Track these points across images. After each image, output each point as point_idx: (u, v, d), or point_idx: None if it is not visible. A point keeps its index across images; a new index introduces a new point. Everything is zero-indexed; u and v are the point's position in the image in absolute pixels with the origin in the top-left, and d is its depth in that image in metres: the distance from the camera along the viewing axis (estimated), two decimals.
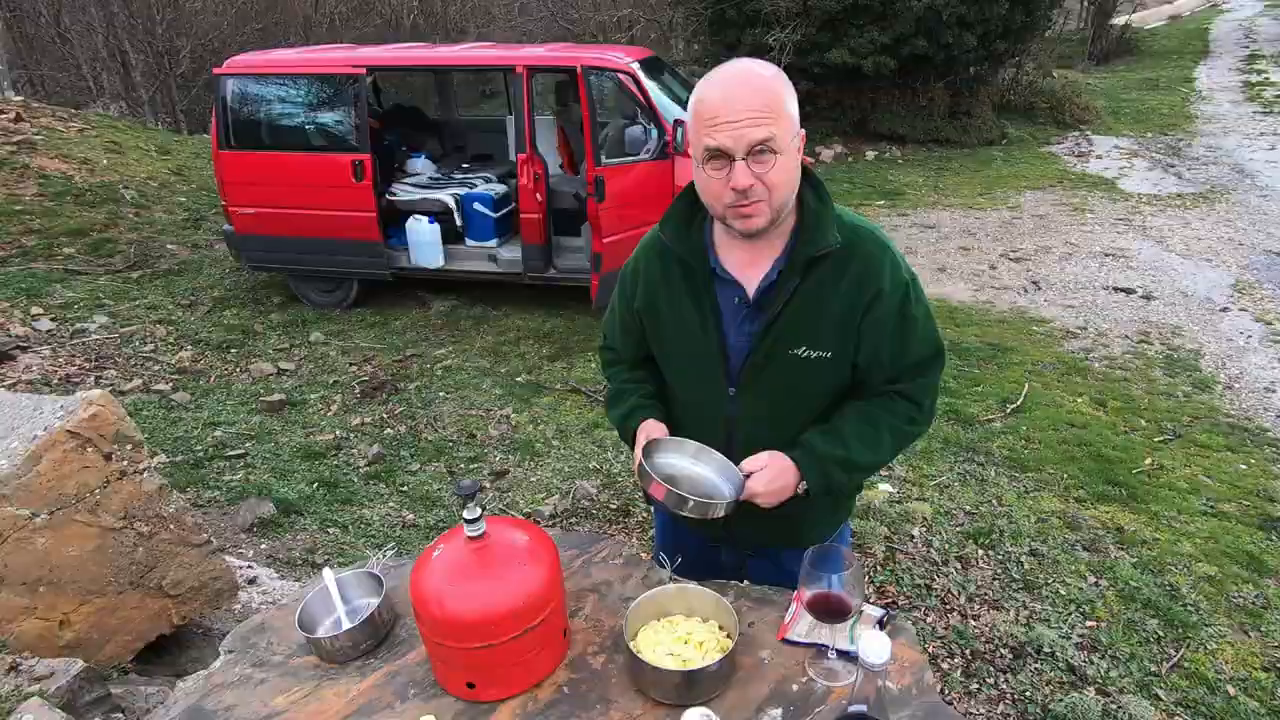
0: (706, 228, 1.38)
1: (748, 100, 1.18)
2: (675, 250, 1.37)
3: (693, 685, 1.17)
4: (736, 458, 1.37)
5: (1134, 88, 13.93)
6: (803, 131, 1.27)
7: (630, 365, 1.57)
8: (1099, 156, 10.00)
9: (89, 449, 1.80)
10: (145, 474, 1.89)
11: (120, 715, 1.47)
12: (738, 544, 1.56)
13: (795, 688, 1.21)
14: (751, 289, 1.34)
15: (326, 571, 1.44)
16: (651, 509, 1.74)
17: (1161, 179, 8.90)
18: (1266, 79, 13.72)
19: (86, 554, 1.80)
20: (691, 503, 1.27)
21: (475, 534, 1.20)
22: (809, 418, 1.39)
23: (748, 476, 1.32)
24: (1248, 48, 16.84)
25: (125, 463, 1.86)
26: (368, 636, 1.34)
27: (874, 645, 0.88)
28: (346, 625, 1.36)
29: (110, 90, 14.22)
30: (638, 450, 1.37)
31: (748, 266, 1.35)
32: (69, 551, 1.78)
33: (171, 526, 1.93)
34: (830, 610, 1.17)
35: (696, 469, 1.39)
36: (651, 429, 1.42)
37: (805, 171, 1.32)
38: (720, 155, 1.20)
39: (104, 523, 1.82)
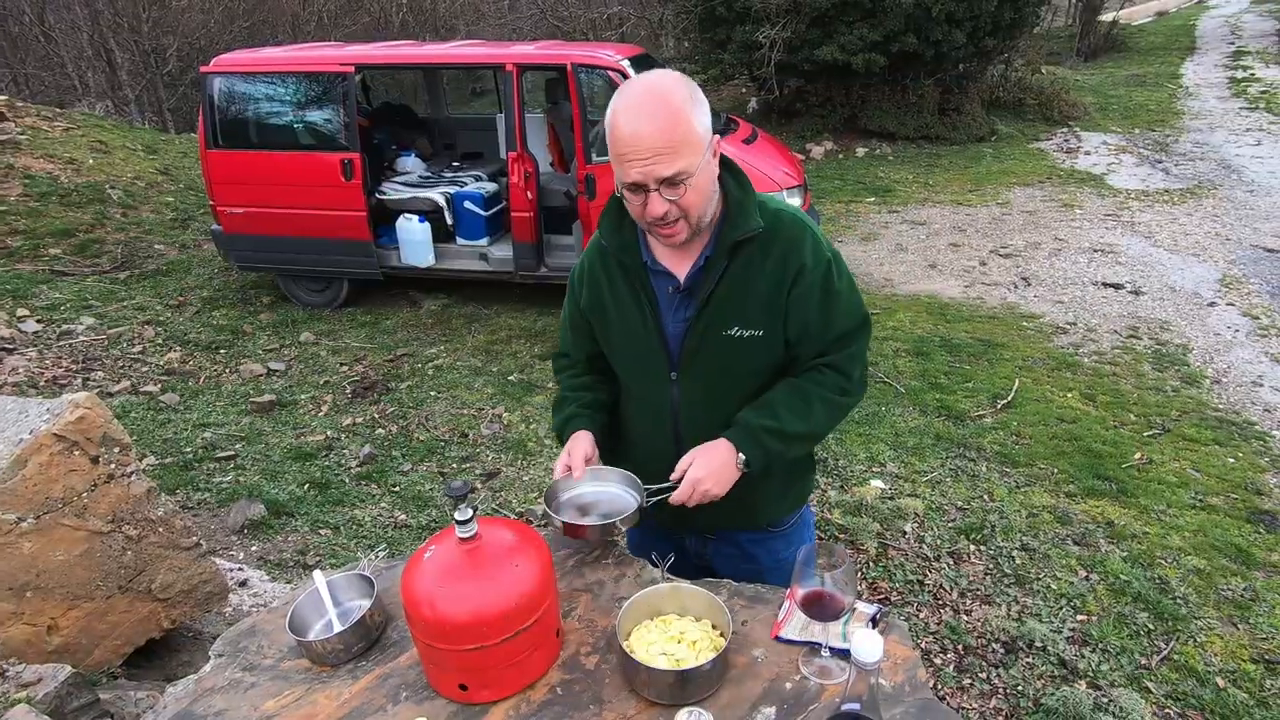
0: (638, 225, 1.43)
1: (653, 136, 1.22)
2: (610, 248, 1.44)
3: (686, 685, 1.17)
4: (683, 443, 1.45)
5: (1122, 84, 14.00)
6: (716, 137, 1.32)
7: (578, 369, 1.63)
8: (1087, 153, 10.04)
9: (75, 452, 1.78)
10: (133, 477, 1.87)
11: None
12: (698, 528, 1.61)
13: (789, 686, 1.20)
14: (683, 277, 1.41)
15: (317, 574, 1.43)
16: None
17: (1149, 175, 8.95)
18: (1252, 75, 13.82)
19: (74, 558, 1.78)
20: (591, 529, 1.42)
21: (467, 535, 1.19)
22: (745, 397, 1.45)
23: (679, 479, 1.39)
24: (1233, 44, 16.97)
25: (113, 465, 1.84)
26: (359, 639, 1.33)
27: (866, 644, 0.88)
28: (338, 628, 1.36)
29: (96, 89, 14.09)
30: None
31: (677, 257, 1.42)
32: (56, 556, 1.76)
33: (160, 529, 1.91)
34: (823, 608, 1.17)
35: (602, 488, 1.51)
36: (580, 442, 1.49)
37: (725, 161, 1.39)
38: (636, 189, 1.26)
39: (91, 526, 1.80)
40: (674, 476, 1.40)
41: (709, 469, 1.37)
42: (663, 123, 1.22)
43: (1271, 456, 3.83)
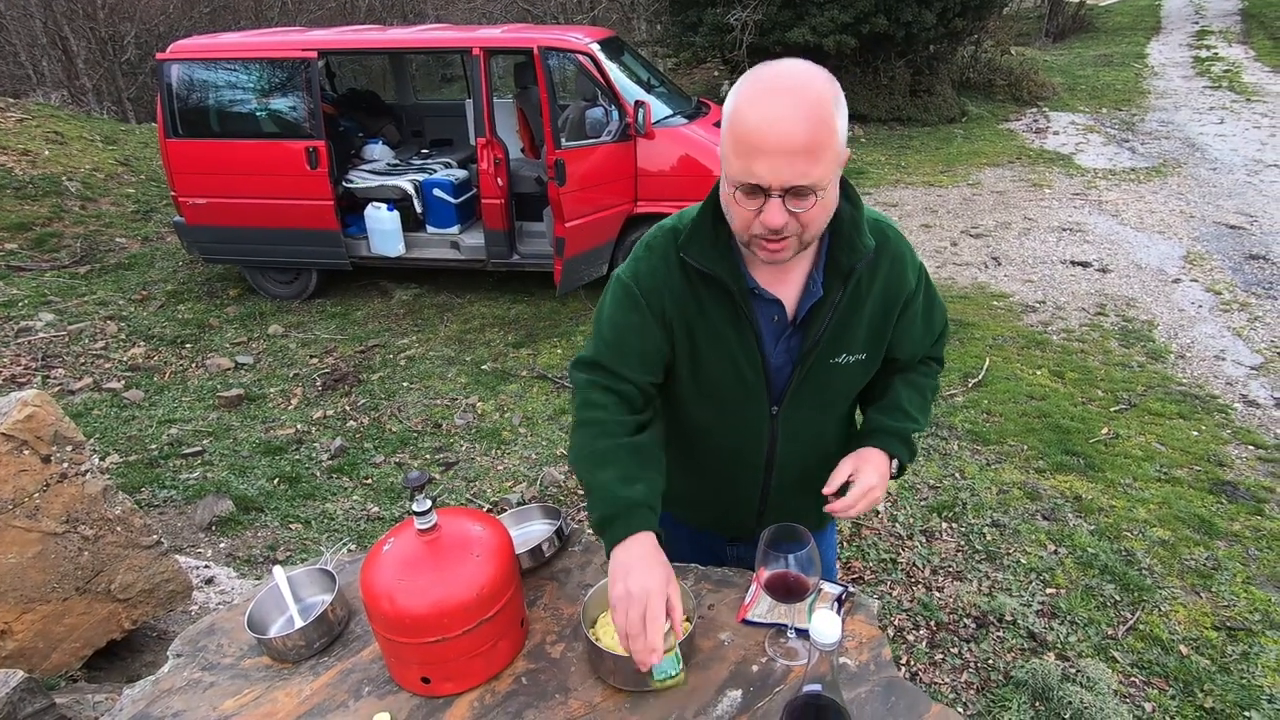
0: (733, 242, 1.22)
1: (795, 134, 1.01)
2: (711, 271, 1.20)
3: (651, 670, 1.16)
4: (774, 475, 1.38)
5: (1089, 64, 14.15)
6: (849, 151, 1.14)
7: (619, 399, 1.26)
8: (1056, 133, 10.15)
9: (25, 451, 1.73)
10: (88, 475, 1.82)
11: None
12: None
13: (755, 668, 1.20)
14: (789, 304, 1.24)
15: (277, 569, 1.41)
16: None
17: (1116, 154, 9.07)
18: (1215, 54, 14.03)
19: (27, 560, 1.73)
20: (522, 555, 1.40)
21: (425, 526, 1.17)
22: (836, 424, 1.41)
23: (843, 490, 1.27)
24: (1197, 24, 17.21)
25: (66, 464, 1.79)
26: (321, 634, 1.31)
27: (825, 625, 0.88)
28: (299, 624, 1.33)
29: (51, 78, 13.67)
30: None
31: (780, 281, 1.24)
32: (8, 559, 1.71)
33: (118, 528, 1.87)
34: (788, 590, 1.17)
35: (527, 528, 1.54)
36: (649, 554, 1.13)
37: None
38: (756, 191, 1.06)
39: (45, 527, 1.75)
40: (831, 489, 1.26)
41: (879, 475, 1.27)
42: (806, 116, 1.01)
43: (1233, 429, 3.91)
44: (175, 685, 1.28)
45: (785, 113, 1.01)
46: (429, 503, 1.17)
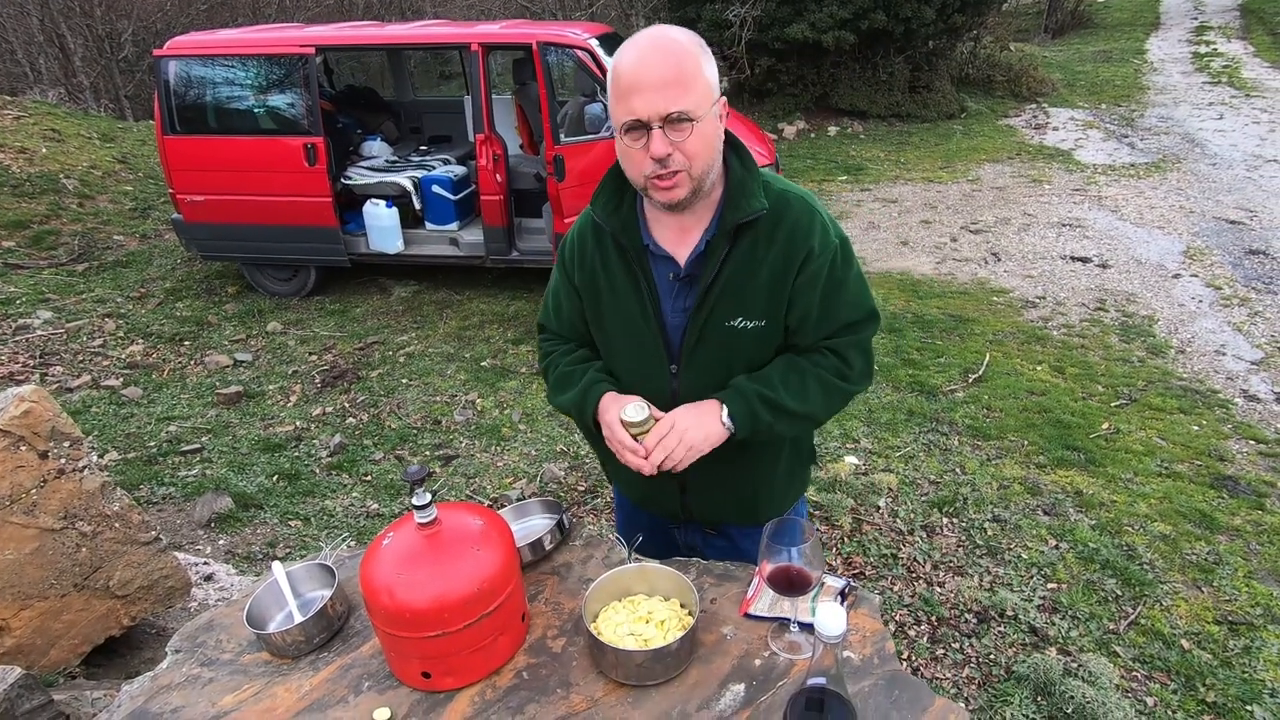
0: (638, 204, 1.34)
1: (661, 68, 1.15)
2: (608, 227, 1.33)
3: (654, 664, 1.15)
4: None
5: (1088, 60, 14.13)
6: (724, 99, 1.25)
7: (570, 345, 1.50)
8: (1055, 128, 10.13)
9: (22, 447, 1.72)
10: (85, 471, 1.81)
11: None
12: (697, 519, 1.53)
13: (758, 663, 1.19)
14: (682, 261, 1.32)
15: (276, 565, 1.40)
16: (613, 490, 1.72)
17: (1116, 149, 9.05)
18: (1214, 50, 14.01)
19: (24, 557, 1.72)
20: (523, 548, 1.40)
21: (425, 520, 1.16)
22: None
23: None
24: (1196, 19, 17.19)
25: (63, 460, 1.78)
26: (320, 630, 1.30)
27: (830, 618, 0.87)
28: (298, 619, 1.32)
29: (48, 76, 13.63)
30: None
31: (678, 241, 1.32)
32: (5, 555, 1.70)
33: (116, 525, 1.86)
34: (791, 583, 1.16)
35: (527, 522, 1.55)
36: (613, 400, 1.34)
37: (729, 138, 1.31)
38: (637, 126, 1.17)
39: (42, 524, 1.74)
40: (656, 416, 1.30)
41: (692, 414, 1.29)
42: (670, 55, 1.16)
43: (1234, 423, 3.91)
44: (174, 681, 1.28)
45: (650, 55, 1.16)
46: (429, 496, 1.16)
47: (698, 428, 1.28)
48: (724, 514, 1.51)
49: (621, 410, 1.29)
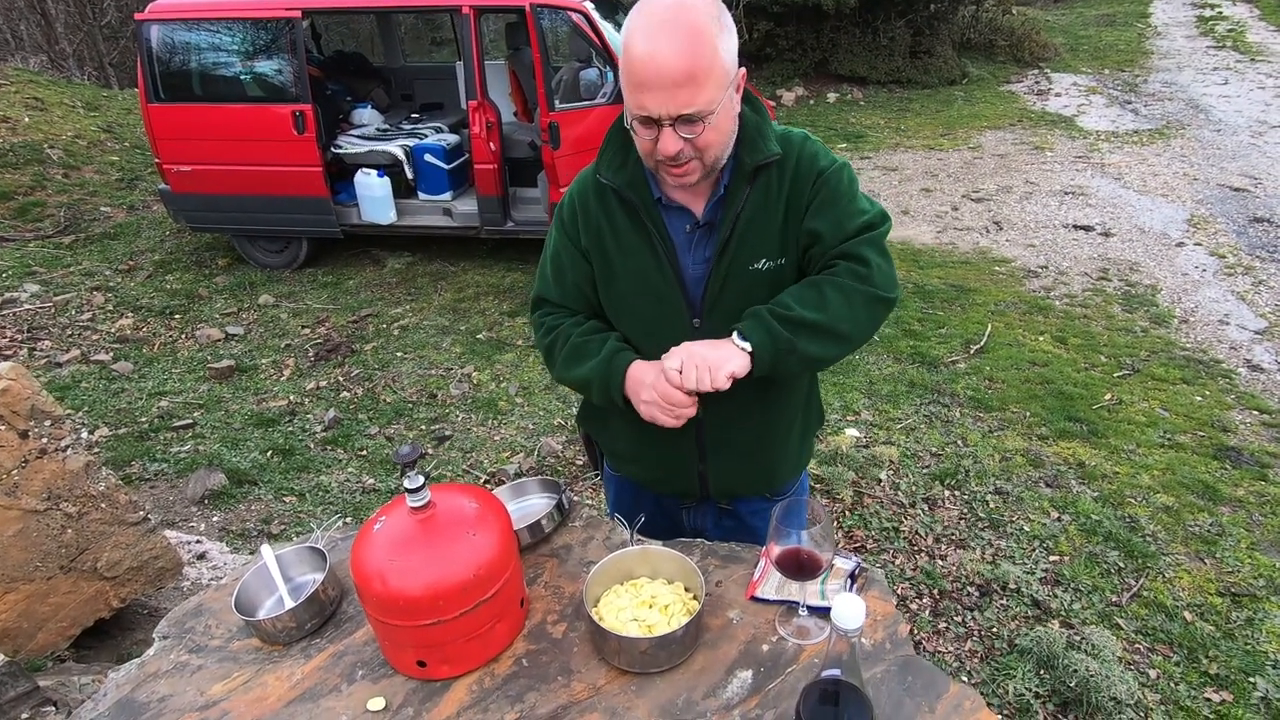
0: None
1: (675, 62, 1.07)
2: (614, 185, 1.27)
3: (658, 651, 1.11)
4: (709, 403, 1.29)
5: (1091, 24, 13.88)
6: (742, 70, 1.18)
7: (581, 319, 1.39)
8: (1058, 94, 9.96)
9: (2, 426, 1.66)
10: (69, 450, 1.76)
11: (51, 708, 1.37)
12: (713, 493, 1.48)
13: (765, 648, 1.15)
14: (699, 212, 1.28)
15: (265, 548, 1.35)
16: (606, 474, 1.65)
17: (1119, 116, 8.91)
18: (1219, 13, 13.75)
19: (8, 539, 1.67)
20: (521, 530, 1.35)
21: (419, 504, 1.11)
22: None
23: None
24: None
25: (45, 440, 1.72)
26: (312, 615, 1.26)
27: (848, 608, 0.82)
28: (289, 604, 1.28)
29: (30, 43, 13.31)
30: None
31: (691, 192, 1.28)
32: None
33: (103, 505, 1.81)
34: (801, 567, 1.12)
35: (524, 502, 1.50)
36: (646, 367, 1.26)
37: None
38: (649, 121, 1.12)
39: (25, 505, 1.69)
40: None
41: (702, 343, 1.20)
42: (685, 46, 1.07)
43: (1237, 393, 3.87)
44: (161, 669, 1.23)
45: (663, 45, 1.07)
46: (421, 479, 1.11)
47: (711, 349, 1.18)
48: (740, 485, 1.47)
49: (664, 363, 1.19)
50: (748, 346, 1.18)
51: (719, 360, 1.16)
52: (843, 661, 0.89)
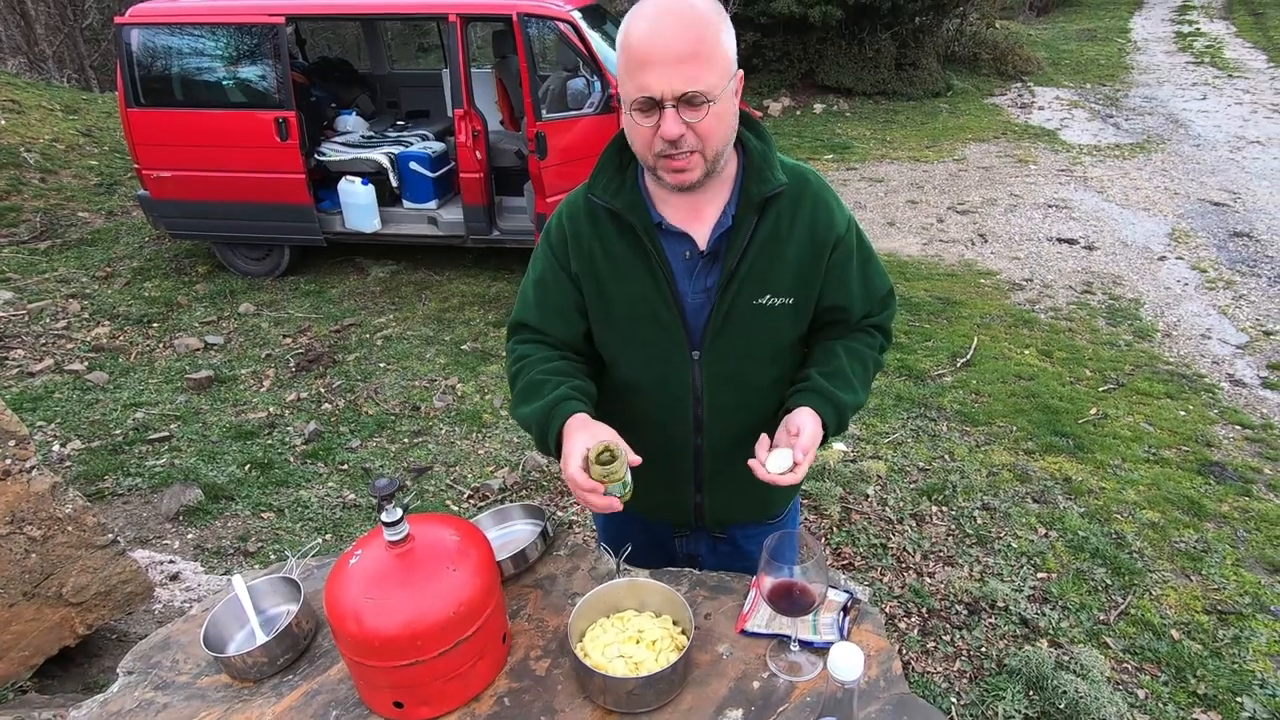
0: (640, 181, 1.25)
1: (678, 41, 1.05)
2: (611, 207, 1.22)
3: (645, 691, 1.07)
4: (705, 432, 1.31)
5: (1073, 38, 14.07)
6: (740, 72, 1.16)
7: (549, 350, 1.32)
8: (1041, 108, 10.07)
9: None
10: (34, 472, 1.69)
11: None
12: (708, 522, 1.45)
13: (756, 685, 1.12)
14: (702, 240, 1.23)
15: (237, 579, 1.30)
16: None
17: (1101, 130, 9.01)
18: (1197, 30, 13.99)
19: None
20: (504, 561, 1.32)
21: (396, 538, 1.06)
22: (769, 373, 1.31)
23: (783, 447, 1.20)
24: None
25: (9, 461, 1.66)
26: (284, 650, 1.21)
27: (846, 659, 0.79)
28: (260, 638, 1.23)
29: (9, 44, 13.11)
30: None
31: (692, 218, 1.24)
32: None
33: (69, 528, 1.74)
34: (793, 601, 1.08)
35: (508, 529, 1.47)
36: (586, 429, 1.18)
37: (742, 114, 1.22)
38: (649, 104, 1.09)
39: None
40: (764, 446, 1.19)
41: (816, 437, 1.19)
42: (689, 27, 1.05)
43: (1220, 408, 3.90)
44: (125, 707, 1.18)
45: (669, 25, 1.06)
46: (400, 512, 1.06)
47: (813, 457, 1.20)
48: (736, 512, 1.45)
49: (588, 450, 1.14)
50: (832, 433, 1.25)
51: (814, 447, 1.20)
52: (839, 707, 0.85)
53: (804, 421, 1.19)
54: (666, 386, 1.29)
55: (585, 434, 1.17)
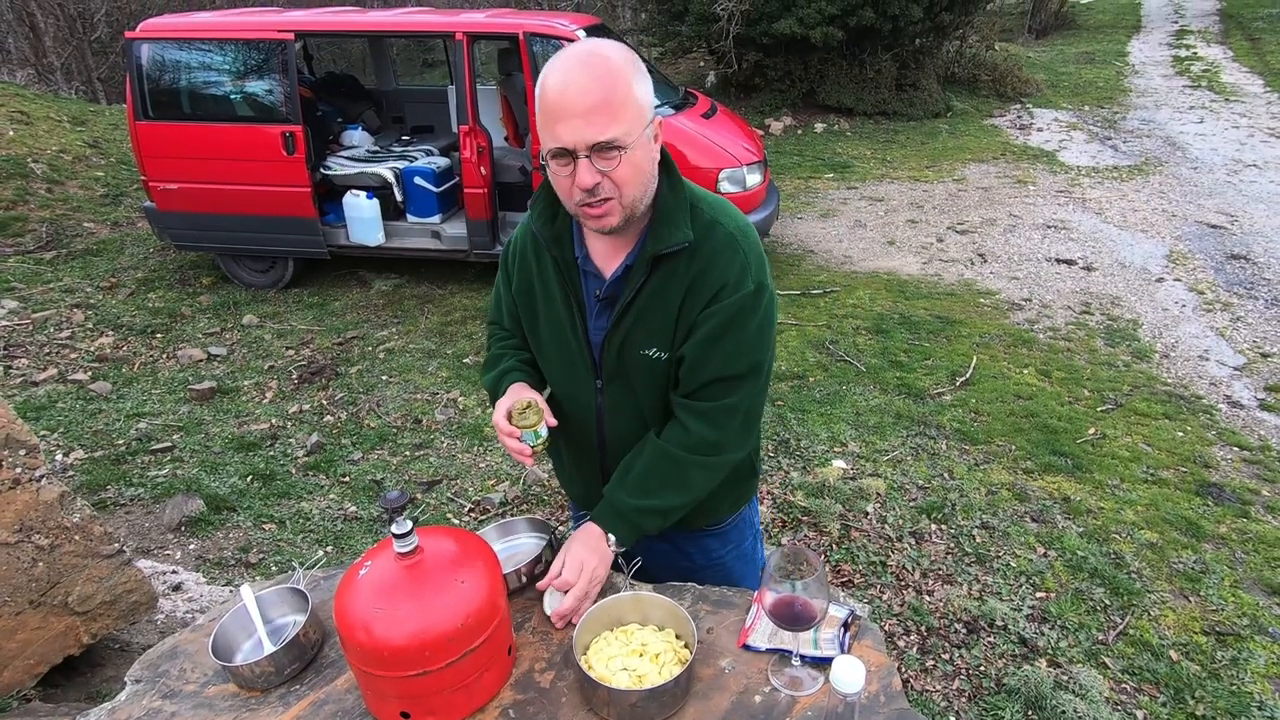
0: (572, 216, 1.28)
1: (588, 93, 1.07)
2: (542, 238, 1.30)
3: (649, 704, 1.08)
4: (607, 448, 1.39)
5: (1071, 61, 14.20)
6: (658, 118, 1.18)
7: (510, 336, 1.51)
8: (1040, 129, 10.15)
9: None
10: (43, 481, 1.71)
11: None
12: None
13: (758, 699, 1.13)
14: (607, 279, 1.28)
15: (245, 589, 1.31)
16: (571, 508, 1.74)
17: (1099, 151, 9.09)
18: (1194, 54, 14.14)
19: None
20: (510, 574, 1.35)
21: (406, 550, 1.08)
22: (666, 409, 1.35)
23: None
24: (1176, 23, 17.34)
25: (18, 470, 1.67)
26: (292, 660, 1.22)
27: (848, 672, 0.81)
28: (268, 648, 1.24)
29: (17, 56, 13.26)
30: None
31: (608, 257, 1.28)
32: None
33: (76, 537, 1.76)
34: (795, 617, 1.10)
35: (513, 542, 1.51)
36: (520, 391, 1.36)
37: (663, 156, 1.23)
38: (563, 154, 1.11)
39: None
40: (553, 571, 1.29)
41: (585, 548, 1.28)
42: (598, 79, 1.08)
43: (1218, 429, 3.91)
44: (132, 715, 1.19)
45: (579, 77, 1.08)
46: (410, 524, 1.08)
47: (599, 562, 1.28)
48: None
49: (514, 402, 1.32)
50: (618, 549, 1.30)
51: (603, 569, 1.28)
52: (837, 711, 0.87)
53: (570, 557, 1.27)
54: (576, 403, 1.39)
55: (517, 394, 1.35)
